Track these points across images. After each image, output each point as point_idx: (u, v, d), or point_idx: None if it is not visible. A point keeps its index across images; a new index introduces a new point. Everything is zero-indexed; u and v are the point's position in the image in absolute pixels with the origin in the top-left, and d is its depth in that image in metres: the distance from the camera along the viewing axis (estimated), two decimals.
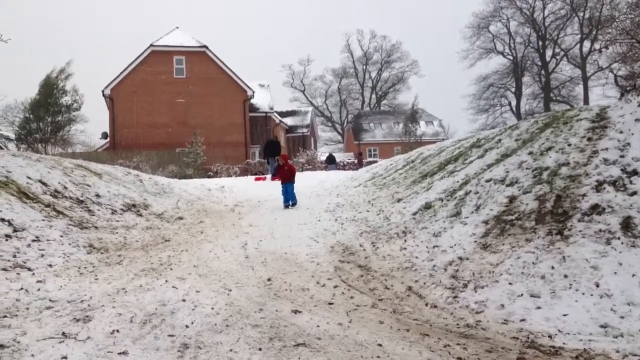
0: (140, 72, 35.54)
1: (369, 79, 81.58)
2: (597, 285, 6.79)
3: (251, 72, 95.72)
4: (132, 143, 33.65)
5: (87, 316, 5.53)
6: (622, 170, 8.79)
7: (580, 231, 7.89)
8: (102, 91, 35.33)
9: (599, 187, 8.64)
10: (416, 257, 9.08)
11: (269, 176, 22.49)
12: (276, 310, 6.31)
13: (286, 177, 15.13)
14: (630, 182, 8.44)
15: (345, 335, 5.64)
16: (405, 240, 9.92)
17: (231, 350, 4.89)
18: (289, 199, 14.95)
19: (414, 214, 11.07)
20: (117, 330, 5.17)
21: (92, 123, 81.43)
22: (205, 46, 36.51)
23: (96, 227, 10.30)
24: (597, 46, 48.43)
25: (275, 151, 23.04)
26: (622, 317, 6.16)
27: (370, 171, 18.30)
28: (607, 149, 9.48)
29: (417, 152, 17.36)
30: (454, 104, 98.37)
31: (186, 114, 35.60)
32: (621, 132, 9.77)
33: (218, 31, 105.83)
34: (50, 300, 6.11)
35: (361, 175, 18.29)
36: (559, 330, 6.18)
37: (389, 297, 7.66)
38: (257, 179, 23.26)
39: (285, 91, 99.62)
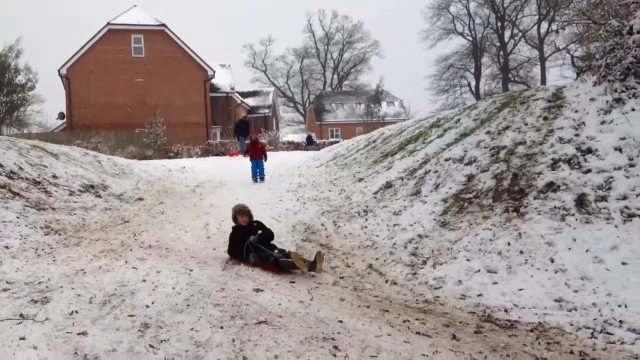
0: (98, 51, 34.80)
1: (331, 60, 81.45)
2: (552, 261, 6.97)
3: (212, 52, 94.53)
4: (89, 124, 32.99)
5: (46, 297, 5.45)
6: (576, 148, 9.00)
7: (535, 208, 8.08)
8: (59, 71, 34.53)
9: (554, 165, 8.83)
10: (377, 236, 9.19)
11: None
12: (238, 290, 6.32)
13: (257, 153, 16.00)
14: (585, 160, 8.65)
15: (306, 312, 5.69)
16: (366, 219, 10.01)
17: (192, 329, 4.89)
18: (259, 173, 15.91)
19: (375, 193, 11.16)
20: (76, 311, 5.11)
21: (49, 103, 79.51)
22: (164, 25, 35.91)
23: (54, 209, 10.12)
24: (554, 27, 49.30)
25: (245, 131, 24.41)
26: (575, 292, 6.35)
27: (332, 151, 18.36)
28: (562, 127, 9.69)
29: (379, 132, 17.48)
30: (415, 84, 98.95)
31: (145, 94, 35.03)
32: (576, 111, 9.98)
33: (177, 9, 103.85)
34: (7, 282, 6.00)
35: (323, 155, 18.34)
36: (515, 305, 6.34)
37: (350, 275, 7.74)
38: (232, 155, 25.78)
39: (247, 71, 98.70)
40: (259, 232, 8.04)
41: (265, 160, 16.22)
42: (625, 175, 7.99)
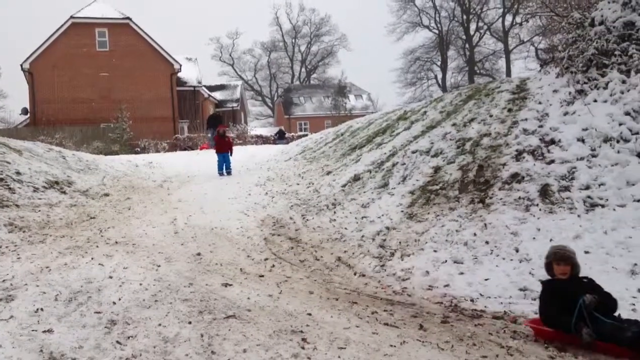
0: (61, 45, 34.10)
1: (299, 53, 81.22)
2: (517, 251, 7.10)
3: (178, 45, 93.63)
4: (54, 119, 32.34)
5: (10, 295, 5.37)
6: (540, 139, 9.16)
7: (501, 199, 8.21)
8: (21, 65, 33.77)
9: (518, 156, 8.98)
10: (345, 228, 9.23)
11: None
12: (206, 285, 6.30)
13: (223, 147, 16.07)
14: (548, 151, 8.81)
15: (275, 306, 5.70)
16: (334, 212, 10.05)
17: (160, 324, 4.87)
18: (225, 167, 15.95)
19: (343, 186, 11.21)
20: (42, 309, 5.05)
21: (12, 99, 77.95)
22: (128, 18, 35.38)
23: (17, 206, 9.94)
24: (518, 20, 49.95)
25: (217, 125, 24.30)
26: (540, 281, 6.47)
27: (300, 145, 18.37)
28: (526, 119, 9.85)
29: (347, 126, 17.53)
30: (382, 77, 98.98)
31: (111, 89, 34.48)
32: (540, 103, 10.15)
33: (142, 2, 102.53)
34: None
35: (291, 149, 18.33)
36: (481, 294, 6.45)
37: (319, 268, 7.77)
38: (201, 148, 26.36)
39: (214, 65, 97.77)
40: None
41: (231, 154, 16.18)
42: (588, 165, 8.16)
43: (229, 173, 15.93)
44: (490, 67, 62.24)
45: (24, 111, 38.46)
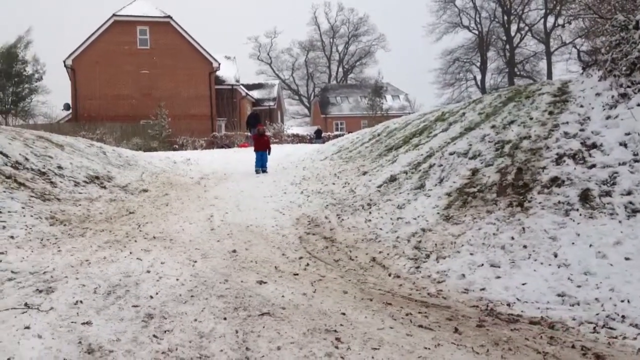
0: (103, 42, 34.79)
1: (336, 52, 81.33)
2: (555, 256, 6.97)
3: (217, 43, 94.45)
4: (95, 115, 33.04)
5: (50, 287, 5.49)
6: (581, 143, 8.98)
7: (539, 203, 8.08)
8: (64, 62, 34.54)
9: (559, 160, 8.82)
10: (380, 229, 9.20)
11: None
12: (241, 281, 6.35)
13: (261, 145, 16.49)
14: (590, 155, 8.64)
15: (309, 304, 5.71)
16: (370, 212, 10.02)
17: (196, 320, 4.92)
18: (262, 164, 16.29)
19: (379, 186, 11.17)
20: (81, 301, 5.15)
21: (54, 94, 79.66)
22: (169, 16, 35.87)
23: (59, 199, 10.16)
24: (560, 21, 48.99)
25: (256, 123, 24.73)
26: (579, 286, 6.34)
27: (336, 144, 18.36)
28: (567, 122, 9.66)
29: (383, 126, 17.46)
30: (420, 78, 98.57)
31: (151, 86, 35.04)
32: (582, 106, 9.96)
33: (183, 0, 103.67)
34: (12, 272, 6.04)
35: (328, 148, 18.34)
36: (518, 299, 6.34)
37: (353, 268, 7.76)
38: (240, 146, 26.92)
39: (252, 64, 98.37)
40: None
41: (269, 153, 16.40)
42: (630, 170, 7.97)
43: (264, 171, 16.13)
44: (531, 69, 61.37)
45: (66, 107, 39.30)
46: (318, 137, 35.56)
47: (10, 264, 6.31)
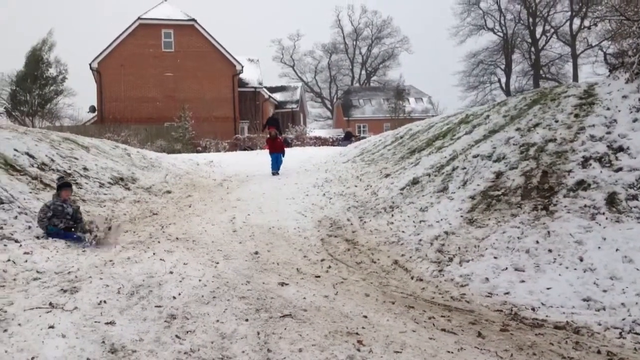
0: (128, 45, 35.12)
1: (359, 55, 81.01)
2: (581, 260, 6.87)
3: (240, 46, 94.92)
4: (120, 117, 33.37)
5: (75, 287, 5.54)
6: (608, 146, 8.85)
7: (565, 206, 7.97)
8: (90, 64, 34.94)
9: (585, 163, 8.70)
10: (403, 232, 9.15)
11: None
12: (263, 283, 6.35)
13: (275, 148, 16.68)
14: (616, 159, 8.51)
15: (331, 307, 5.70)
16: (392, 215, 9.98)
17: (218, 320, 4.93)
18: (276, 167, 16.46)
19: (402, 189, 11.11)
20: (105, 301, 5.19)
21: (80, 97, 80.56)
22: (193, 19, 36.12)
23: (84, 200, 10.28)
24: (586, 23, 48.33)
25: (276, 126, 24.64)
26: (604, 291, 6.25)
27: (359, 147, 18.32)
28: (593, 125, 9.53)
29: (406, 128, 17.37)
30: (444, 80, 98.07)
31: (175, 88, 35.30)
32: (608, 108, 9.82)
33: (206, 3, 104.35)
34: (37, 271, 6.12)
35: (350, 151, 18.31)
36: (542, 304, 6.27)
37: (375, 271, 7.73)
38: (265, 148, 26.59)
39: (275, 66, 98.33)
40: None
41: (283, 155, 16.73)
42: None
43: (276, 173, 16.28)
44: (557, 72, 60.58)
45: (92, 109, 39.71)
46: (346, 139, 35.06)
47: (35, 263, 6.39)
